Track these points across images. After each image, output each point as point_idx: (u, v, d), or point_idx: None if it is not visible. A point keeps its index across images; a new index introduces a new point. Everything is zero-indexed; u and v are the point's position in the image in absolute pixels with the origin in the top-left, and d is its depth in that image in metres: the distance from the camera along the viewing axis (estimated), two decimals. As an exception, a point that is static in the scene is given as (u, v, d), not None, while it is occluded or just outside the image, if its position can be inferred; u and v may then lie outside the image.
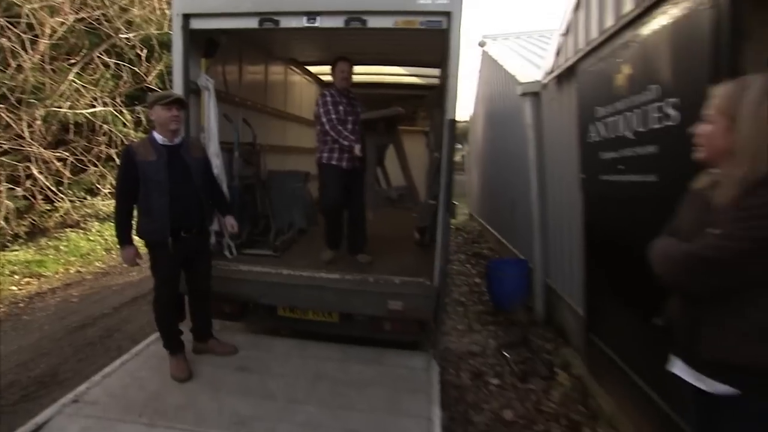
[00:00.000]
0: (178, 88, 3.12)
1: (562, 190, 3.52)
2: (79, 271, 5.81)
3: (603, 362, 2.66)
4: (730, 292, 1.16)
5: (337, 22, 2.85)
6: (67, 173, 6.91)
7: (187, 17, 3.01)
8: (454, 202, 2.93)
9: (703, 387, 1.22)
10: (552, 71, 3.51)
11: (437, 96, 4.09)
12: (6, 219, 6.05)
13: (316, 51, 4.87)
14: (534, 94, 3.94)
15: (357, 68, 5.65)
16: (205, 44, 3.35)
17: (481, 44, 6.60)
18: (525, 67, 4.74)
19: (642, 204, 2.12)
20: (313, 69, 5.81)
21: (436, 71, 4.80)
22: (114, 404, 2.30)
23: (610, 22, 2.51)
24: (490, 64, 6.51)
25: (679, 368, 1.31)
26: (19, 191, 6.29)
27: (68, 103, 6.75)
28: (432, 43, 3.04)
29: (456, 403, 2.83)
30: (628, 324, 2.33)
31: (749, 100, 1.12)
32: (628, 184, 2.29)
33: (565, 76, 3.26)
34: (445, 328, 3.98)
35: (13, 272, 5.35)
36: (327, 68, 5.83)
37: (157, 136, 2.48)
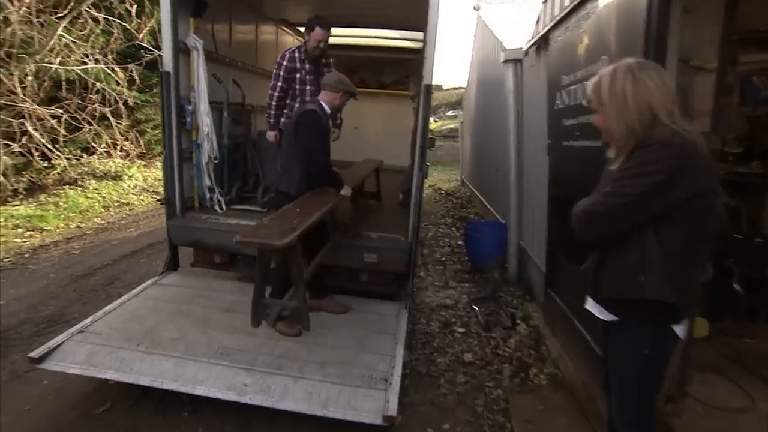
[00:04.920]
0: (167, 48, 3.23)
1: (537, 156, 3.70)
2: (78, 227, 6.05)
3: (556, 312, 2.95)
4: (616, 239, 1.39)
5: None
6: (62, 131, 7.00)
7: (173, -24, 3.08)
8: (428, 163, 3.14)
9: (599, 315, 1.49)
10: (532, 39, 3.60)
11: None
12: (4, 175, 6.22)
13: (308, 11, 4.87)
14: (516, 61, 4.03)
15: (348, 31, 5.67)
16: (193, 4, 3.42)
17: (476, 8, 6.53)
18: (512, 34, 4.77)
19: (590, 167, 2.31)
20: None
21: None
22: (116, 335, 2.60)
23: (579, -9, 2.60)
24: (483, 29, 6.48)
25: (589, 304, 1.57)
26: (16, 147, 6.42)
27: (59, 59, 6.73)
28: (419, 6, 3.11)
29: (423, 347, 3.15)
30: (573, 275, 2.59)
31: (605, 89, 1.35)
32: (582, 149, 2.47)
33: (542, 44, 3.35)
34: (423, 284, 4.29)
35: (16, 226, 5.58)
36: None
37: (326, 107, 2.87)
